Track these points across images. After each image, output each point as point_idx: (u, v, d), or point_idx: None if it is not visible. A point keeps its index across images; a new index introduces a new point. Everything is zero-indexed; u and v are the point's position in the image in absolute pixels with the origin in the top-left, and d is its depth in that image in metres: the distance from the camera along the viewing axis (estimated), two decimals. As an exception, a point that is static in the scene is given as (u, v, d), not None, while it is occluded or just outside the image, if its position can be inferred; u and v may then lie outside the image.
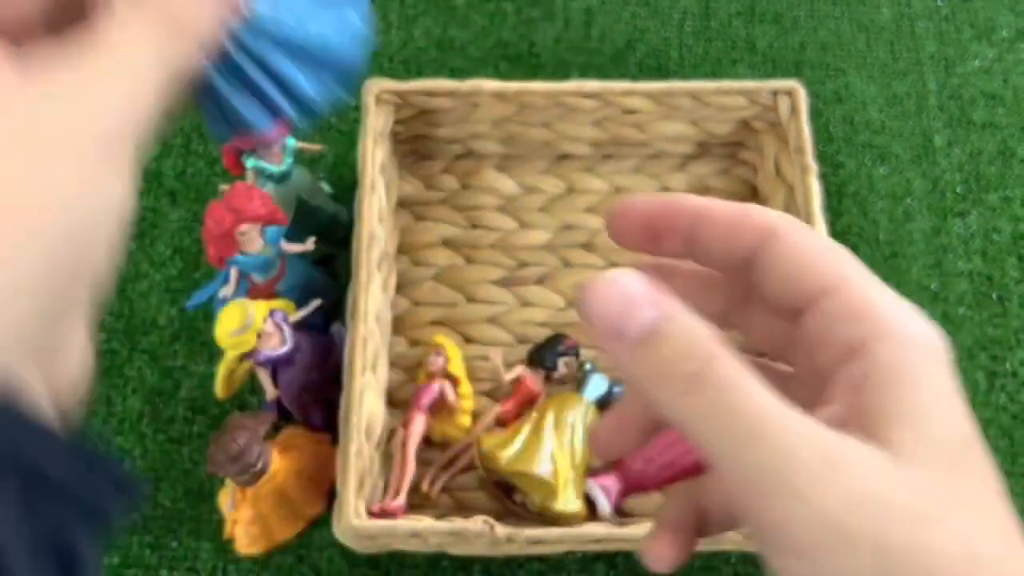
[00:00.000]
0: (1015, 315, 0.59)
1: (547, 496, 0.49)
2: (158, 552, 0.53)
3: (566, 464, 0.50)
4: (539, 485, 0.49)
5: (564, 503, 0.49)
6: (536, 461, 0.49)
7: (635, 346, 0.18)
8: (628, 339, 0.18)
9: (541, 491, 0.49)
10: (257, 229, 0.51)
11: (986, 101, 0.66)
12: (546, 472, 0.49)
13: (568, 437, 0.51)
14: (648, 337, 0.18)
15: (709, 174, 0.62)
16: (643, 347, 0.18)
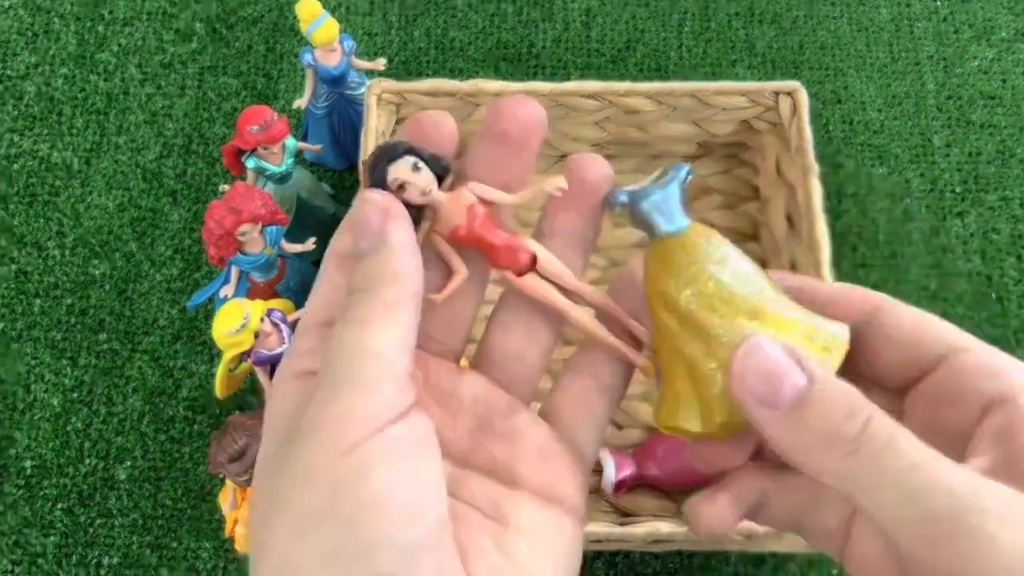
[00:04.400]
0: (1014, 315, 0.59)
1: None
2: (158, 552, 0.53)
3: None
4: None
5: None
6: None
7: (788, 414, 0.18)
8: (781, 407, 0.19)
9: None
10: (258, 229, 0.51)
11: (985, 101, 0.66)
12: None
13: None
14: (800, 404, 0.18)
15: (710, 174, 0.63)
16: (797, 414, 0.18)
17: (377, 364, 0.19)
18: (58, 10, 0.69)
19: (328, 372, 0.19)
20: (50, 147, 0.64)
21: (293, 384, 0.20)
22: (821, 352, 0.20)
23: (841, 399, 0.18)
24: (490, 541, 0.20)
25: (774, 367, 0.19)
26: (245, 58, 0.67)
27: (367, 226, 0.20)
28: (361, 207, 0.21)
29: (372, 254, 0.20)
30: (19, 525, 0.53)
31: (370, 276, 0.20)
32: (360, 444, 0.18)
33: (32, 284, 0.60)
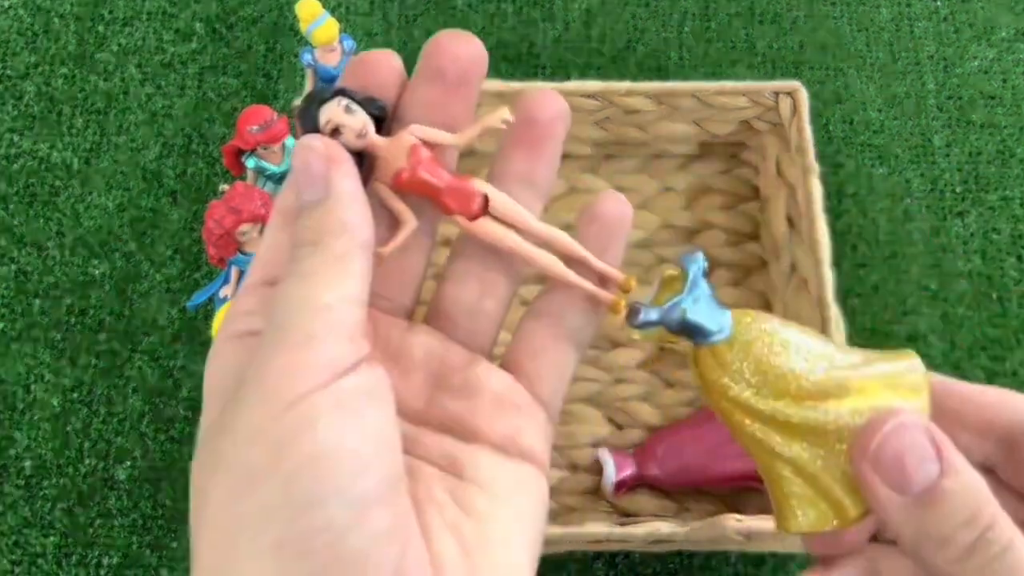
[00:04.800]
0: (1014, 315, 0.59)
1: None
2: (158, 552, 0.53)
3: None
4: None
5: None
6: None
7: (914, 503, 0.18)
8: (908, 494, 0.18)
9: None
10: (258, 229, 0.51)
11: (985, 101, 0.66)
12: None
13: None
14: (929, 494, 0.18)
15: (711, 174, 0.63)
16: (922, 504, 0.18)
17: (325, 317, 0.18)
18: (58, 10, 0.69)
19: (273, 327, 0.18)
20: (50, 147, 0.64)
21: (232, 345, 0.20)
22: (910, 396, 0.20)
23: (969, 498, 0.18)
24: (447, 496, 0.20)
25: (913, 450, 0.18)
26: (245, 58, 0.67)
27: (309, 175, 0.19)
28: (301, 155, 0.20)
29: (317, 204, 0.19)
30: (19, 525, 0.53)
31: (316, 228, 0.19)
32: (305, 397, 0.17)
33: (31, 284, 0.60)
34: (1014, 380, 0.57)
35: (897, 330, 0.59)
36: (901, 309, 0.60)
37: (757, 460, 0.21)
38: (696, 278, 0.21)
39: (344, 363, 0.18)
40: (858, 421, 0.20)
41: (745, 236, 0.61)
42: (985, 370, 0.58)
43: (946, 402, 0.21)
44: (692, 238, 0.61)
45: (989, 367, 0.58)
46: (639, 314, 0.21)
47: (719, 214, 0.62)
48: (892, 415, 0.19)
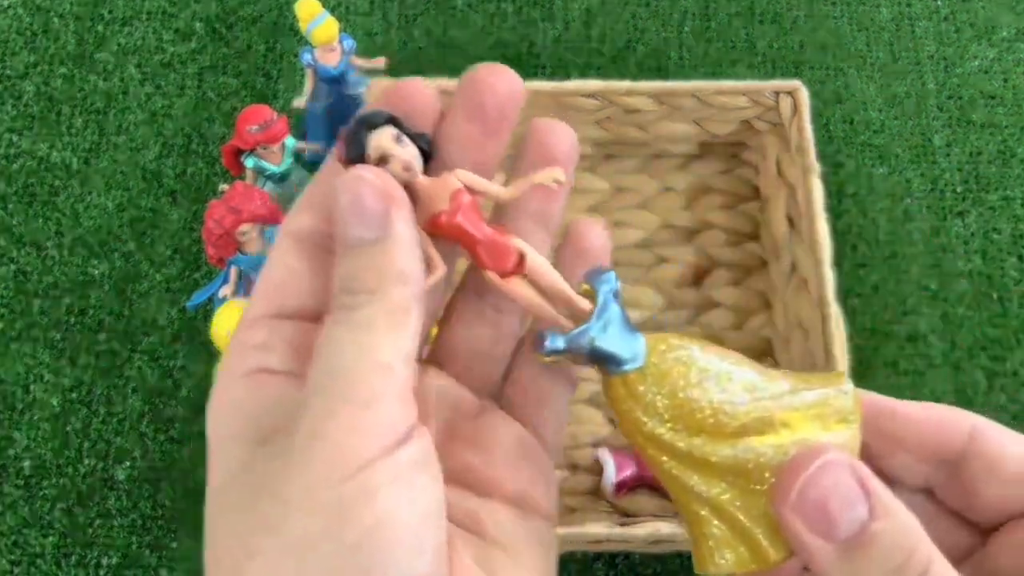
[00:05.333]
0: (1015, 315, 0.59)
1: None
2: (158, 552, 0.53)
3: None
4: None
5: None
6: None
7: (843, 549, 0.16)
8: (835, 540, 0.16)
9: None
10: (257, 229, 0.51)
11: (986, 101, 0.66)
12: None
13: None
14: (858, 539, 0.16)
15: (711, 174, 0.63)
16: (851, 550, 0.16)
17: (385, 378, 0.17)
18: (57, 9, 0.69)
19: (327, 382, 0.17)
20: (49, 147, 0.64)
21: (244, 384, 0.18)
22: (839, 427, 0.19)
23: (901, 539, 0.16)
24: (472, 559, 0.19)
25: (838, 492, 0.17)
26: (245, 58, 0.67)
27: (363, 211, 0.18)
28: (352, 187, 0.18)
29: (372, 247, 0.18)
30: (18, 525, 0.53)
31: (373, 273, 0.17)
32: (368, 465, 0.16)
33: (31, 284, 0.60)
34: (1015, 380, 0.57)
35: (897, 330, 0.59)
36: (901, 309, 0.59)
37: (674, 497, 0.20)
38: (606, 301, 0.19)
39: (401, 429, 0.17)
40: (781, 459, 0.18)
41: (745, 236, 0.61)
42: (985, 370, 0.58)
43: (883, 422, 0.20)
44: (692, 238, 0.61)
45: (989, 367, 0.58)
46: (544, 342, 0.19)
47: (719, 214, 0.62)
48: (814, 454, 0.17)
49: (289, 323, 0.19)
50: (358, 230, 0.18)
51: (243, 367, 0.18)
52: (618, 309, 0.19)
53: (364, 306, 0.17)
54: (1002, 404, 0.57)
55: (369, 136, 0.19)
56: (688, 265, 0.60)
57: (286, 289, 0.19)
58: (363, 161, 0.19)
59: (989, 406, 0.56)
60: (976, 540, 0.20)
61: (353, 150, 0.19)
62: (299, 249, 0.19)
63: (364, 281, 0.18)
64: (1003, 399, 0.57)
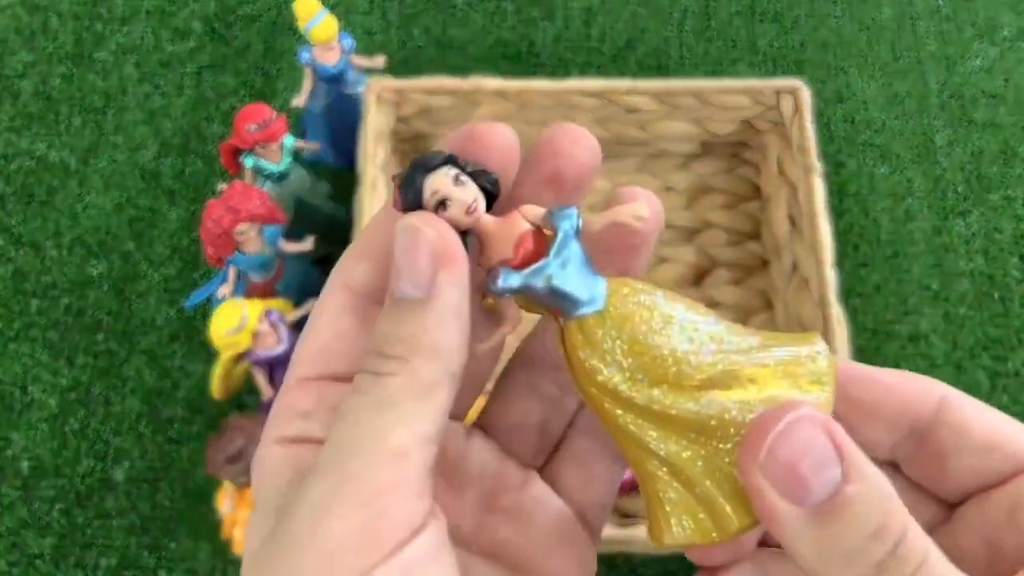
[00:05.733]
0: (1016, 315, 0.59)
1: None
2: (156, 553, 0.52)
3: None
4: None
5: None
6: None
7: (814, 515, 0.15)
8: (806, 504, 0.15)
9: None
10: (256, 228, 0.50)
11: (987, 100, 0.66)
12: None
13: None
14: (831, 504, 0.15)
15: (712, 173, 0.62)
16: (822, 516, 0.15)
17: (398, 467, 0.15)
18: (55, 8, 0.69)
19: (335, 464, 0.16)
20: (47, 146, 0.64)
21: (280, 453, 0.17)
22: (811, 387, 0.17)
23: (877, 505, 0.15)
24: None
25: (811, 452, 0.15)
26: (243, 56, 0.67)
27: (412, 267, 0.16)
28: (408, 238, 0.16)
29: (413, 308, 0.16)
30: (16, 526, 0.53)
31: (405, 341, 0.16)
32: (369, 572, 0.15)
33: (29, 284, 0.60)
34: (1016, 380, 0.57)
35: (899, 330, 0.59)
36: (903, 309, 0.59)
37: (628, 458, 0.18)
38: (566, 237, 0.18)
39: (412, 525, 0.15)
40: (747, 417, 0.17)
41: (746, 235, 0.61)
42: (987, 370, 0.57)
43: (853, 388, 0.18)
44: (693, 237, 0.61)
45: (991, 367, 0.57)
46: (497, 279, 0.17)
47: (720, 213, 0.61)
48: (786, 409, 0.16)
49: (337, 387, 0.18)
50: (404, 284, 0.16)
51: (283, 434, 0.17)
52: (578, 247, 0.18)
53: (390, 376, 0.16)
54: (1004, 404, 0.56)
55: (426, 179, 0.17)
56: (688, 265, 0.60)
57: (336, 349, 0.18)
58: (420, 207, 0.17)
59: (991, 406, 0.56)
60: (940, 516, 0.19)
61: (409, 196, 0.17)
62: (351, 304, 0.18)
63: (395, 347, 0.16)
64: (1005, 399, 0.57)
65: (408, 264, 0.16)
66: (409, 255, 0.16)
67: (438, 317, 0.16)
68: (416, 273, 0.16)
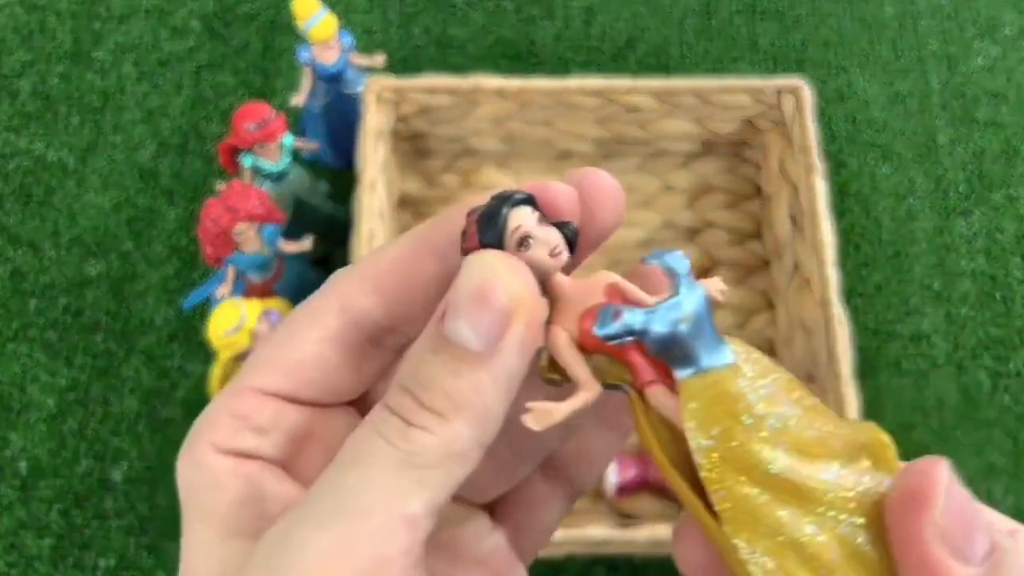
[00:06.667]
0: (1018, 315, 0.59)
1: None
2: (155, 554, 0.52)
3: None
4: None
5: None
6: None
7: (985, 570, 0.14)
8: (977, 559, 0.14)
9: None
10: (254, 228, 0.50)
11: (989, 99, 0.65)
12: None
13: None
14: (995, 557, 0.14)
15: (713, 172, 0.62)
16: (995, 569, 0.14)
17: (405, 538, 0.14)
18: (54, 7, 0.69)
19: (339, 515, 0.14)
20: (45, 146, 0.64)
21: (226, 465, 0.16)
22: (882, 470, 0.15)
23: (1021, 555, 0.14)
24: None
25: (970, 504, 0.14)
26: (242, 55, 0.67)
27: (482, 315, 0.14)
28: (486, 278, 0.14)
29: (465, 362, 0.14)
30: (15, 527, 0.53)
31: (450, 396, 0.14)
32: None
33: (27, 284, 0.60)
34: (1018, 380, 0.57)
35: (900, 330, 0.58)
36: (904, 309, 0.59)
37: (725, 556, 0.15)
38: (682, 283, 0.15)
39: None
40: (867, 484, 0.14)
41: (747, 235, 0.61)
42: (989, 371, 0.57)
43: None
44: (694, 237, 0.60)
45: (993, 367, 0.57)
46: (612, 318, 0.15)
47: (721, 213, 0.61)
48: (937, 462, 0.14)
49: (299, 410, 0.16)
50: (467, 330, 0.14)
51: (231, 442, 0.16)
52: (705, 299, 0.15)
53: (422, 432, 0.14)
54: (1006, 405, 0.56)
55: (511, 212, 0.15)
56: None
57: (311, 376, 0.16)
58: (498, 246, 0.15)
59: (993, 407, 0.56)
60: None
61: (489, 230, 0.15)
62: (343, 334, 0.16)
63: (437, 399, 0.14)
64: (1007, 399, 0.56)
65: (477, 309, 0.14)
66: (481, 299, 0.14)
67: (494, 381, 0.14)
68: (484, 323, 0.14)
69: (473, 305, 0.14)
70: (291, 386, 0.16)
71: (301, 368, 0.16)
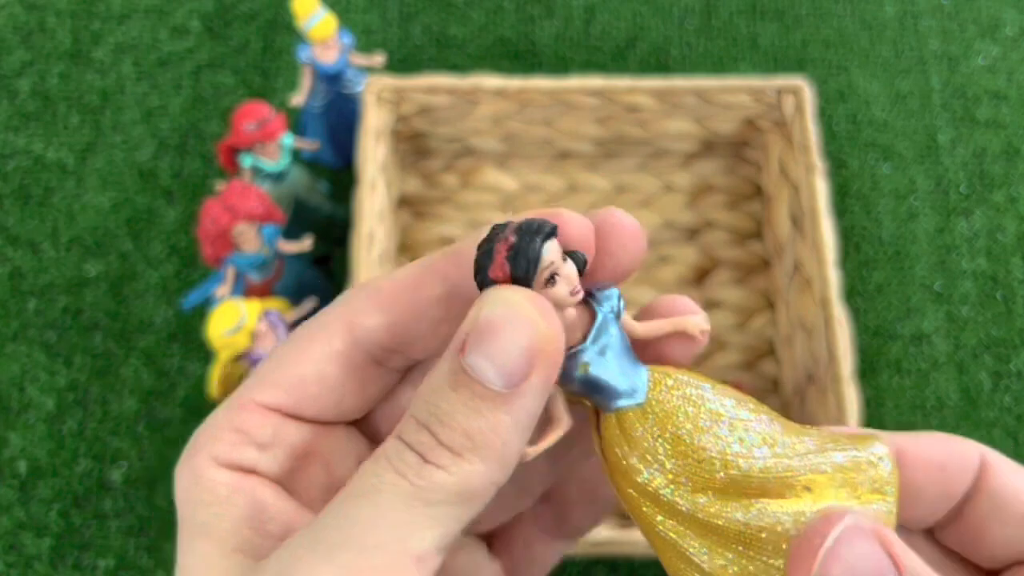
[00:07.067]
0: (1019, 315, 0.59)
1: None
2: (154, 554, 0.52)
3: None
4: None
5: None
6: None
7: None
8: None
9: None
10: (254, 228, 0.50)
11: (990, 99, 0.65)
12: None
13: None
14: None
15: (713, 172, 0.62)
16: None
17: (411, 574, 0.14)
18: (53, 7, 0.68)
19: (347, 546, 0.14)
20: (44, 145, 0.64)
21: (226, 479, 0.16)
22: (873, 498, 0.16)
23: None
24: None
25: (865, 568, 0.14)
26: (241, 55, 0.66)
27: (507, 356, 0.14)
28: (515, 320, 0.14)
29: (485, 402, 0.14)
30: (14, 527, 0.53)
31: (469, 435, 0.14)
32: None
33: (26, 284, 0.59)
34: (1019, 381, 0.57)
35: (901, 330, 0.58)
36: (905, 309, 0.59)
37: (666, 565, 0.16)
38: (606, 321, 0.16)
39: None
40: (787, 525, 0.15)
41: (748, 235, 0.60)
42: (990, 371, 0.57)
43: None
44: (694, 237, 0.60)
45: (994, 368, 0.57)
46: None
47: (721, 212, 0.61)
48: (833, 519, 0.14)
49: (300, 427, 0.16)
50: (489, 370, 0.14)
51: (231, 455, 0.16)
52: (618, 332, 0.16)
53: (437, 469, 0.14)
54: (1007, 405, 0.56)
55: (544, 248, 0.15)
56: (690, 264, 0.60)
57: (313, 392, 0.16)
58: (527, 282, 0.15)
59: (994, 407, 0.56)
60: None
61: (522, 265, 0.15)
62: (348, 352, 0.16)
63: (454, 436, 0.14)
64: (1008, 400, 0.56)
65: (502, 350, 0.14)
66: (507, 339, 0.14)
67: (514, 423, 0.14)
68: (508, 364, 0.14)
69: (498, 344, 0.14)
70: (292, 402, 0.16)
71: (303, 384, 0.16)
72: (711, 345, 0.57)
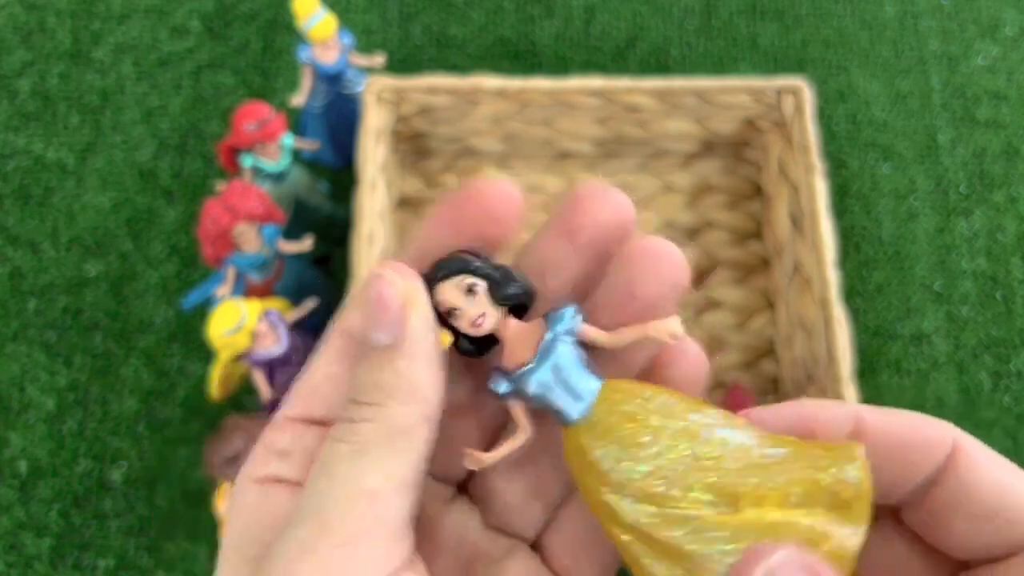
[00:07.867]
0: (1019, 315, 0.59)
1: None
2: (154, 555, 0.52)
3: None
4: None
5: None
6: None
7: None
8: None
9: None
10: (254, 228, 0.50)
11: (990, 99, 0.65)
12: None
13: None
14: None
15: (713, 172, 0.62)
16: None
17: (371, 508, 0.15)
18: (53, 7, 0.68)
19: (310, 510, 0.16)
20: (44, 145, 0.64)
21: (254, 493, 0.17)
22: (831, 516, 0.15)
23: None
24: None
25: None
26: (241, 55, 0.66)
27: (383, 312, 0.16)
28: (375, 284, 0.17)
29: (384, 357, 0.16)
30: (14, 527, 0.53)
31: (379, 387, 0.16)
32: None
33: (26, 284, 0.59)
34: (1019, 381, 0.57)
35: (901, 330, 0.58)
36: (905, 309, 0.59)
37: (628, 568, 0.16)
38: (554, 339, 0.17)
39: (387, 569, 0.15)
40: (727, 559, 0.15)
41: (747, 235, 0.60)
42: (990, 371, 0.57)
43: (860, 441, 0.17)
44: (694, 237, 0.60)
45: (994, 367, 0.57)
46: (490, 383, 0.17)
47: (721, 213, 0.61)
48: (758, 556, 0.14)
49: (314, 429, 0.18)
50: (374, 332, 0.16)
51: (257, 473, 0.17)
52: (570, 349, 0.17)
53: (365, 423, 0.16)
54: (1007, 405, 0.56)
55: (434, 290, 0.17)
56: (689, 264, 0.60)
57: (323, 392, 0.18)
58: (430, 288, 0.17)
59: (993, 407, 0.56)
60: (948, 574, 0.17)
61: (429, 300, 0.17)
62: (346, 349, 0.18)
63: (370, 394, 0.16)
64: (1008, 399, 0.56)
65: (378, 311, 0.16)
66: (378, 303, 0.16)
67: (410, 360, 0.16)
68: (386, 320, 0.16)
69: (373, 311, 0.16)
70: (309, 407, 0.18)
71: (315, 389, 0.18)
72: (711, 345, 0.57)
